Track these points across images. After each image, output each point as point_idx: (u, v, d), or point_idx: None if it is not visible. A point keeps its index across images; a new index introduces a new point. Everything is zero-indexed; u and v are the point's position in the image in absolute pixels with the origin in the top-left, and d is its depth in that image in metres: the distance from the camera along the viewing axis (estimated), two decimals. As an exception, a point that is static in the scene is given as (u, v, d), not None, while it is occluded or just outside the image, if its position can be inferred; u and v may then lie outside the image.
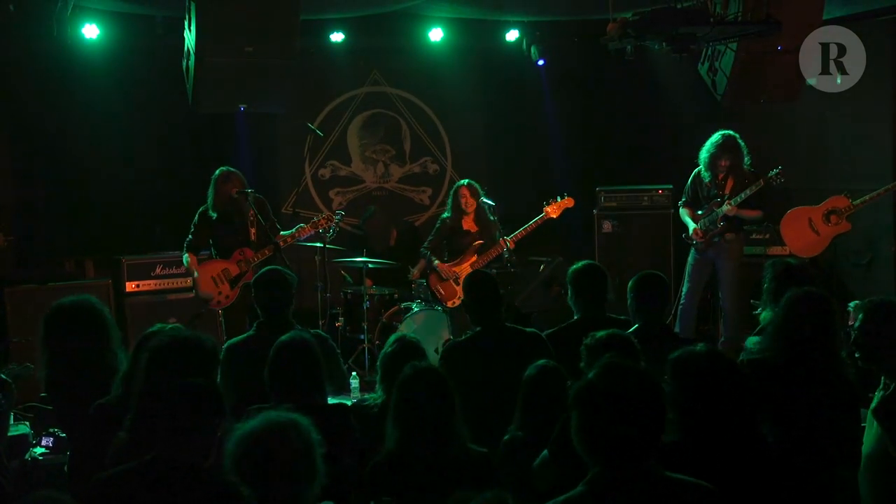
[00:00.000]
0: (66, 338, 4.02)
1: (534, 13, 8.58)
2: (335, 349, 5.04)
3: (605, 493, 2.44)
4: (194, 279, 6.66)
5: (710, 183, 7.22)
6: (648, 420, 2.46)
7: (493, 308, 4.72)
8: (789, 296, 3.88)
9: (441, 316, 7.28)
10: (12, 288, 7.14)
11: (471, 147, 9.63)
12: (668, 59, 7.35)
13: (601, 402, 2.45)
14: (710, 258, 7.26)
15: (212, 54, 5.67)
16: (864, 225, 7.68)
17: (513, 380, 3.93)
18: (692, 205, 7.36)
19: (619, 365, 2.55)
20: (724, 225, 7.11)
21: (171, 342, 3.49)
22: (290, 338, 3.85)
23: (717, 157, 7.12)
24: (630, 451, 2.44)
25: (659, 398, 2.50)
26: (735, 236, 7.19)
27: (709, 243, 7.20)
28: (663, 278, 5.01)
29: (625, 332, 3.90)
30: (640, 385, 2.49)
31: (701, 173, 7.25)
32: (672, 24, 5.48)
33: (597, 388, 2.48)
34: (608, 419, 2.43)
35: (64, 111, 7.96)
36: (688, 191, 7.42)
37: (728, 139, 7.12)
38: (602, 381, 2.49)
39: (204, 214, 6.67)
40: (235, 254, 6.63)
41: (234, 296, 6.61)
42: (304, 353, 3.79)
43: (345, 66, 9.06)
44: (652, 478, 2.48)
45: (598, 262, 5.17)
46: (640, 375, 2.53)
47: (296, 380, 3.73)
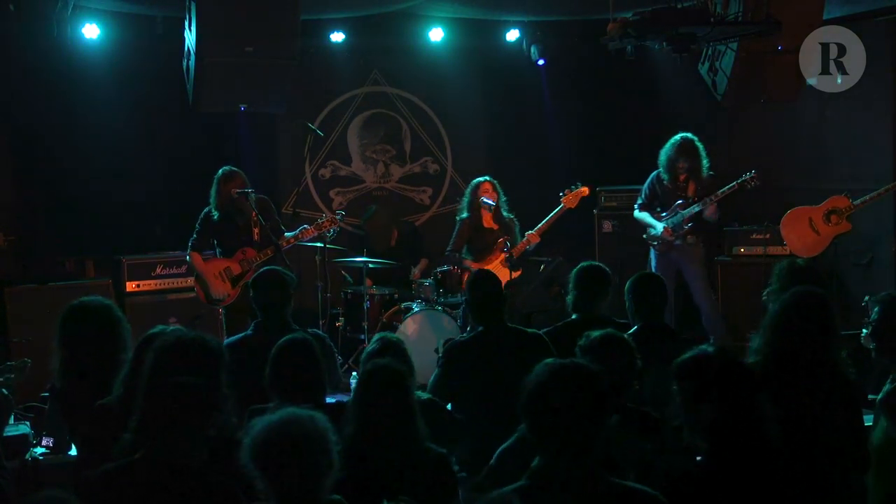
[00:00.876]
0: (83, 335, 4.03)
1: (534, 13, 8.58)
2: (332, 349, 5.05)
3: (545, 484, 2.61)
4: (203, 281, 6.69)
5: (671, 185, 7.27)
6: (583, 416, 2.63)
7: (495, 308, 4.71)
8: (786, 296, 3.87)
9: (441, 316, 7.28)
10: (12, 288, 7.15)
11: (471, 147, 9.63)
12: (668, 59, 7.36)
13: (541, 398, 2.66)
14: (673, 261, 7.32)
15: (212, 54, 5.68)
16: (864, 225, 7.68)
17: (514, 380, 3.93)
18: (648, 208, 7.43)
19: (561, 364, 2.74)
20: (690, 226, 7.14)
21: (177, 342, 3.50)
22: (291, 338, 3.87)
23: (675, 159, 7.21)
24: (567, 445, 2.61)
25: (597, 397, 2.67)
26: (696, 238, 7.29)
27: (671, 245, 7.24)
28: (660, 278, 5.02)
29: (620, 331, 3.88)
30: (576, 384, 2.66)
31: (661, 175, 7.31)
32: (672, 24, 5.48)
33: (540, 386, 2.68)
34: (545, 412, 2.64)
35: (64, 111, 7.95)
36: (645, 193, 7.52)
37: (686, 142, 7.21)
38: (543, 379, 2.68)
39: (207, 214, 6.71)
40: (238, 253, 6.66)
41: (235, 295, 6.63)
42: (305, 354, 3.81)
43: (345, 66, 9.06)
44: (594, 476, 2.63)
45: (600, 263, 5.16)
46: (580, 375, 2.70)
47: (297, 380, 3.75)
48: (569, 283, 5.03)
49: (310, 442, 2.72)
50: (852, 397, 3.72)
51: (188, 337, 3.55)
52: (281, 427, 2.74)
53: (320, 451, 2.73)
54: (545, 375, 2.69)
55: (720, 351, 3.06)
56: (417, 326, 7.14)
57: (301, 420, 2.76)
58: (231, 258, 6.69)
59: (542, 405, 2.66)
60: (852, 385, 3.74)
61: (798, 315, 3.72)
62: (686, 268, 7.31)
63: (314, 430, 2.75)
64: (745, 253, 8.22)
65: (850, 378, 3.74)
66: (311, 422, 2.77)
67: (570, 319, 4.96)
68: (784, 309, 3.78)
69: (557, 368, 2.71)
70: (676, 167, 7.23)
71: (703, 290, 7.29)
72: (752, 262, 8.05)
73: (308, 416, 2.79)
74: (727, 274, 8.21)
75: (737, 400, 2.90)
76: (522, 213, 7.73)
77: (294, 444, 2.70)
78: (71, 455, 5.07)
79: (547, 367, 2.73)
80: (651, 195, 7.45)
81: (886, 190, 7.24)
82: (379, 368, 3.45)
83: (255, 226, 6.68)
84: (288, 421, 2.76)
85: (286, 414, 2.79)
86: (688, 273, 7.32)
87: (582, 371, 2.74)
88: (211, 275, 6.68)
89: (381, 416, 3.30)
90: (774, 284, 4.81)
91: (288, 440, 2.71)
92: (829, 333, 3.74)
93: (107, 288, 7.35)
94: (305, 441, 2.71)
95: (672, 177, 7.27)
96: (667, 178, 7.30)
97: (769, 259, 7.77)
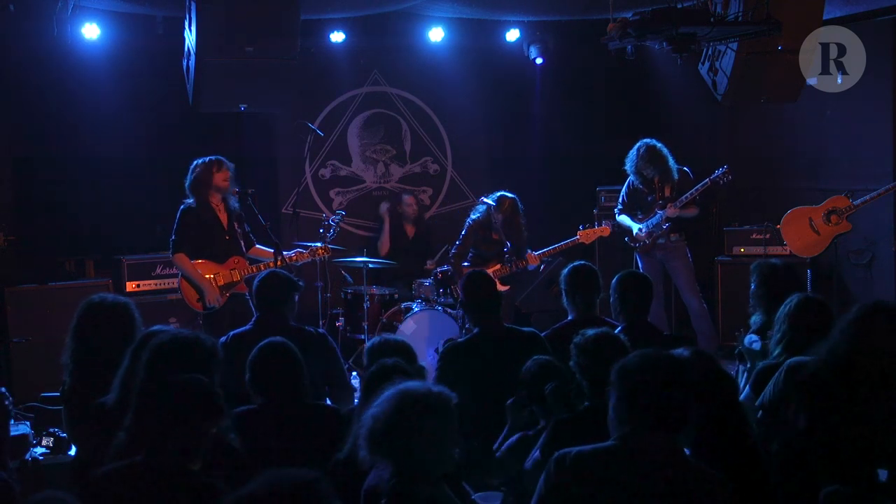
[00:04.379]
0: (97, 331, 4.05)
1: (534, 13, 8.58)
2: (334, 347, 5.07)
3: (632, 451, 2.84)
4: (198, 286, 6.28)
5: (646, 188, 7.31)
6: (681, 397, 2.88)
7: (491, 309, 4.72)
8: (861, 307, 3.63)
9: (441, 316, 7.27)
10: (12, 288, 7.15)
11: (471, 147, 9.63)
12: (668, 59, 7.36)
13: (645, 376, 2.89)
14: (659, 260, 7.36)
15: (212, 54, 5.67)
16: (864, 225, 7.68)
17: (511, 380, 3.94)
18: (628, 212, 7.48)
19: (651, 352, 2.99)
20: (669, 226, 7.16)
21: (172, 341, 3.50)
22: (269, 341, 4.00)
23: (641, 167, 7.28)
24: (661, 420, 2.85)
25: (683, 380, 2.91)
26: (679, 236, 7.32)
27: (654, 244, 7.26)
28: (646, 277, 5.04)
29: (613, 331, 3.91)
30: (667, 367, 2.92)
31: (633, 182, 7.34)
32: (672, 24, 5.47)
33: (632, 367, 2.92)
34: (647, 389, 2.87)
35: (64, 111, 7.94)
36: (623, 198, 7.55)
37: (646, 150, 7.23)
38: (637, 362, 2.93)
39: (192, 211, 6.42)
40: (230, 261, 6.39)
41: (223, 302, 6.34)
42: (281, 356, 3.92)
43: (345, 66, 9.05)
44: (676, 451, 2.85)
45: (588, 263, 5.17)
46: (668, 361, 2.96)
47: (277, 382, 3.88)
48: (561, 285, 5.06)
49: (431, 420, 2.85)
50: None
51: (184, 336, 3.56)
52: (403, 405, 2.86)
53: (444, 429, 2.86)
54: (651, 359, 2.94)
55: (694, 352, 3.24)
56: (417, 326, 7.14)
57: (419, 398, 2.88)
58: (222, 264, 6.36)
59: (645, 381, 2.88)
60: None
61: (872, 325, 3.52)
62: (670, 266, 7.35)
63: (435, 408, 2.87)
64: (745, 253, 8.23)
65: None
66: (431, 396, 2.89)
67: (567, 321, 4.97)
68: (860, 321, 3.55)
69: (659, 354, 2.98)
70: (644, 174, 7.28)
71: (690, 287, 7.31)
72: (751, 262, 8.05)
73: (426, 391, 2.91)
74: (727, 274, 8.22)
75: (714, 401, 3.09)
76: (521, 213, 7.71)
77: (420, 420, 2.84)
78: (70, 455, 5.08)
79: (650, 353, 2.98)
80: (629, 200, 7.51)
81: (887, 190, 7.25)
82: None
83: (240, 236, 6.41)
84: (413, 397, 2.87)
85: (403, 392, 2.89)
86: (673, 271, 7.36)
87: (679, 361, 3.03)
88: (206, 280, 6.28)
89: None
90: (758, 288, 4.82)
91: (415, 416, 2.84)
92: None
93: (107, 288, 7.34)
94: (427, 420, 2.85)
95: (644, 181, 7.32)
96: (639, 184, 7.35)
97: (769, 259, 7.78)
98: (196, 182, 6.35)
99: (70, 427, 4.12)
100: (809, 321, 4.03)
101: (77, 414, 4.01)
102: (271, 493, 2.31)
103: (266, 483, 2.34)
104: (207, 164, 6.36)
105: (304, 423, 3.85)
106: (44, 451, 5.24)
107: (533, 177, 9.43)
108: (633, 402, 2.89)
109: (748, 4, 5.75)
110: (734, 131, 9.23)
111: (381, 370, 3.57)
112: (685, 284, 7.32)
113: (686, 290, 7.33)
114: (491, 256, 7.28)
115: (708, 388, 3.22)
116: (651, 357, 2.95)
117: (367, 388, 3.51)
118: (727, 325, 8.01)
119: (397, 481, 2.85)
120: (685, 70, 7.17)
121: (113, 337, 4.02)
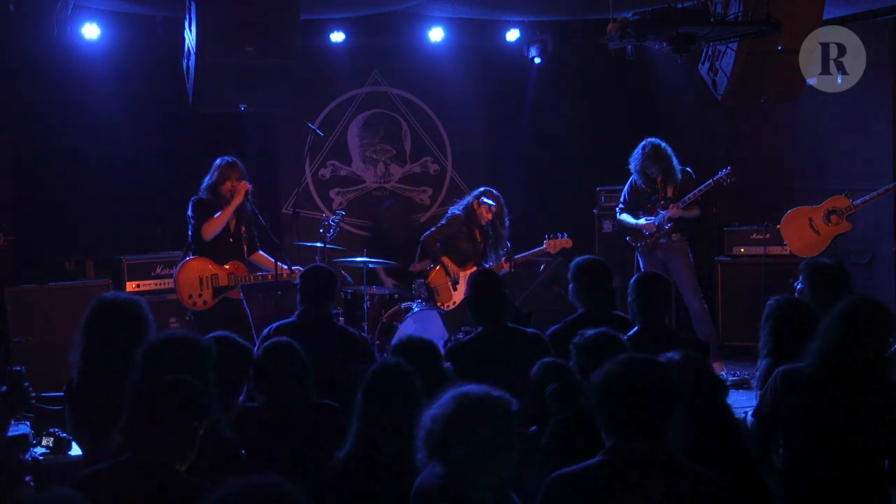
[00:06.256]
0: (108, 328, 4.02)
1: (534, 13, 8.58)
2: (372, 352, 5.13)
3: (620, 464, 2.79)
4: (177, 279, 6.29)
5: (649, 188, 7.31)
6: (657, 402, 2.81)
7: (496, 309, 4.71)
8: (845, 303, 3.68)
9: (441, 316, 7.27)
10: (12, 288, 7.15)
11: (471, 147, 9.62)
12: (668, 59, 7.36)
13: (616, 387, 2.84)
14: (660, 260, 7.35)
15: (212, 54, 5.68)
16: (864, 225, 7.68)
17: (514, 380, 3.93)
18: (630, 212, 7.48)
19: (633, 357, 2.94)
20: (671, 226, 7.16)
21: (166, 342, 3.50)
22: (274, 341, 4.05)
23: (645, 166, 7.25)
24: (642, 428, 2.80)
25: (668, 385, 2.85)
26: (681, 236, 7.32)
27: (655, 244, 7.25)
28: (665, 278, 5.01)
29: (614, 331, 3.89)
30: (641, 374, 2.85)
31: (636, 181, 7.34)
32: (672, 24, 5.48)
33: (613, 376, 2.86)
34: (621, 400, 2.82)
35: (64, 111, 7.94)
36: (625, 198, 7.53)
37: (651, 149, 7.22)
38: (606, 374, 2.88)
39: (205, 205, 6.44)
40: (230, 265, 6.38)
41: (211, 304, 6.32)
42: (285, 357, 3.94)
43: (345, 66, 9.05)
44: (665, 455, 2.80)
45: (598, 257, 5.18)
46: (643, 367, 2.88)
47: (280, 381, 3.90)
48: (568, 280, 5.04)
49: (493, 422, 2.84)
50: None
51: (178, 336, 3.56)
52: (468, 408, 2.85)
53: (506, 430, 2.87)
54: (622, 366, 2.88)
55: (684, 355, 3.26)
56: (417, 326, 7.14)
57: (482, 401, 2.87)
58: (221, 266, 6.35)
59: (618, 392, 2.83)
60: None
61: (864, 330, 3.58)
62: (672, 266, 7.33)
63: (497, 410, 2.87)
64: (745, 253, 8.23)
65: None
66: (491, 399, 2.88)
67: (575, 315, 4.95)
68: (844, 316, 3.61)
69: (631, 360, 2.92)
70: (647, 173, 7.27)
71: (691, 288, 7.30)
72: (752, 262, 8.06)
73: (486, 395, 2.89)
74: (727, 274, 8.22)
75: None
76: (521, 213, 7.72)
77: (478, 422, 2.83)
78: (70, 455, 5.08)
79: (622, 360, 2.92)
80: (631, 199, 7.49)
81: (887, 190, 7.25)
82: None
83: (244, 241, 6.42)
84: (477, 400, 2.87)
85: (467, 396, 2.89)
86: (674, 271, 7.33)
87: (654, 363, 2.95)
88: (193, 275, 6.27)
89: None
90: (811, 289, 4.76)
91: (476, 417, 2.84)
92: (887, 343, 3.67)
93: (107, 288, 7.33)
94: (488, 422, 2.83)
95: (647, 181, 7.31)
96: (642, 183, 7.34)
97: (769, 259, 7.78)
98: (213, 180, 6.44)
99: (74, 425, 4.10)
100: (791, 324, 4.05)
101: (83, 412, 4.01)
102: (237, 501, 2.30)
103: (230, 492, 2.33)
104: (221, 167, 6.44)
105: (306, 421, 3.86)
106: (44, 450, 5.23)
107: (533, 177, 9.43)
108: (610, 414, 2.84)
109: (748, 4, 5.75)
110: (734, 131, 9.22)
111: (382, 370, 3.57)
112: (686, 285, 7.31)
113: (687, 290, 7.32)
114: (468, 256, 7.31)
115: (693, 391, 3.20)
116: (623, 364, 2.89)
117: (368, 387, 3.49)
118: (727, 325, 8.01)
119: (450, 484, 2.82)
120: (685, 70, 7.17)
121: (124, 336, 4.00)
